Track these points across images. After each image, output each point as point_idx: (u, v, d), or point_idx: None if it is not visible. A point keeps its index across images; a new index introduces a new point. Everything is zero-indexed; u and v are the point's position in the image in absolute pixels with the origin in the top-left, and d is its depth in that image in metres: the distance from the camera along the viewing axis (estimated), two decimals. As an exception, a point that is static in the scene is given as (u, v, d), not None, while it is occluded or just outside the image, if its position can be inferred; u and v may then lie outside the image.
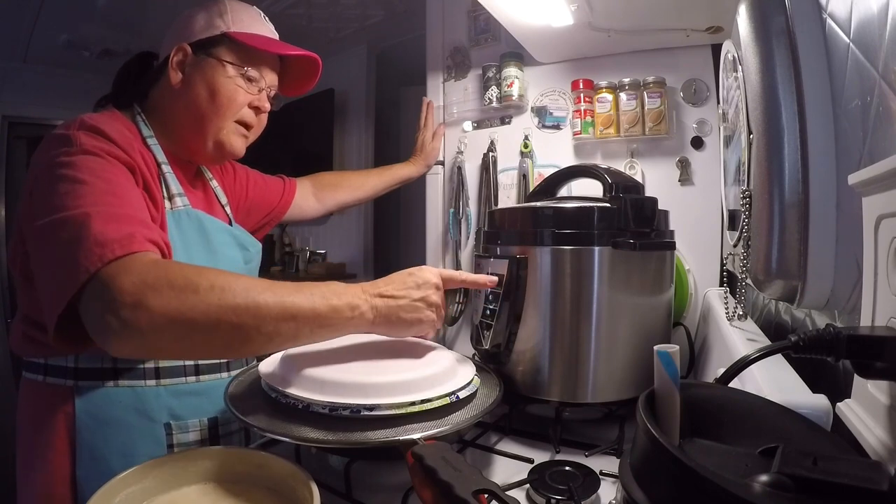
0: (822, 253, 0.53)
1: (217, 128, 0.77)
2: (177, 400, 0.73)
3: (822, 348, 0.36)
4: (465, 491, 0.41)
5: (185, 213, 0.73)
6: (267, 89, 0.81)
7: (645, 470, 0.33)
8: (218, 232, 0.78)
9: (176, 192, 0.73)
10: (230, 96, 0.76)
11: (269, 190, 1.07)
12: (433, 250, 1.48)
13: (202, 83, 0.75)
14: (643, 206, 0.74)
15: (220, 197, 0.90)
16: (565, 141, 1.26)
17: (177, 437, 0.72)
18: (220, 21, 0.76)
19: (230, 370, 0.79)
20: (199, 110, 0.75)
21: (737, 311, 0.74)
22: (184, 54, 0.75)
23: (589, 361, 0.73)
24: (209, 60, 0.75)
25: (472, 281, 0.69)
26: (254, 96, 0.79)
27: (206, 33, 0.76)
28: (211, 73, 0.75)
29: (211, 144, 0.78)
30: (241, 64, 0.76)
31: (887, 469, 0.27)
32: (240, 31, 0.76)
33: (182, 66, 0.75)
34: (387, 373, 0.60)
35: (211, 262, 0.74)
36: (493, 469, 0.69)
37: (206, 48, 0.76)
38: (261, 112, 0.81)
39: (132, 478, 0.49)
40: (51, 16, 2.00)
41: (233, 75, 0.76)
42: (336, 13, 2.09)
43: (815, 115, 0.54)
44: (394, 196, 1.39)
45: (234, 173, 1.00)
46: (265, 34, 0.79)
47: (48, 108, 2.41)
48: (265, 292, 0.52)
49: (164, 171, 0.73)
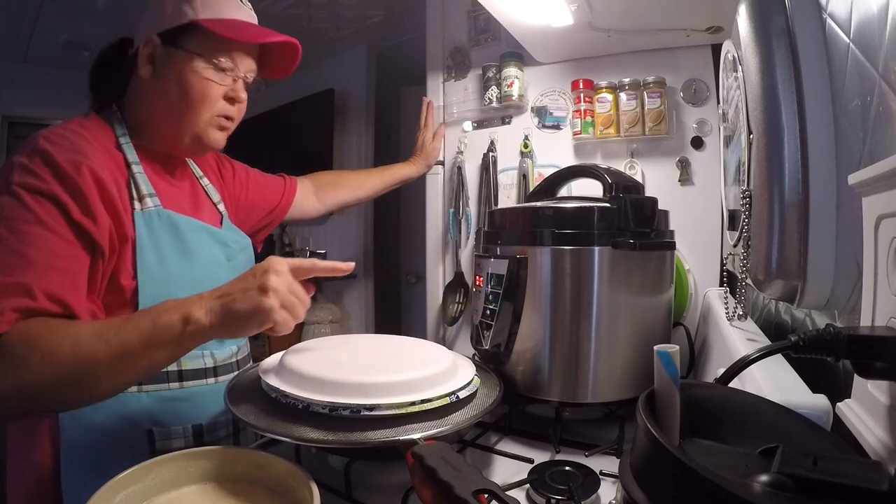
0: (822, 253, 0.53)
1: (193, 123, 0.74)
2: (160, 406, 0.71)
3: (822, 348, 0.36)
4: (465, 491, 0.41)
5: (156, 213, 0.71)
6: (244, 76, 0.77)
7: (645, 470, 0.33)
8: (192, 230, 0.76)
9: (146, 193, 0.71)
10: (202, 91, 0.73)
11: (269, 189, 1.06)
12: (433, 250, 1.48)
13: (173, 78, 0.72)
14: (643, 206, 0.74)
15: (211, 195, 0.88)
16: (565, 141, 1.26)
17: (160, 444, 0.70)
18: (188, 8, 0.71)
19: (217, 376, 0.77)
20: (173, 106, 0.73)
21: (737, 311, 0.74)
22: (153, 46, 0.71)
23: (589, 361, 0.73)
24: (178, 53, 0.71)
25: (324, 267, 0.62)
26: (227, 87, 0.75)
27: (174, 21, 0.71)
28: (180, 68, 0.71)
29: (188, 139, 0.75)
30: (213, 54, 0.72)
31: (887, 469, 0.27)
32: (211, 17, 0.71)
33: (152, 60, 0.72)
34: (387, 373, 0.59)
35: (185, 261, 0.72)
36: (493, 469, 0.69)
37: (174, 39, 0.71)
38: (237, 102, 0.77)
39: (132, 478, 0.49)
40: (51, 16, 2.00)
41: (203, 67, 0.72)
42: (336, 13, 2.09)
43: (815, 115, 0.54)
44: (394, 196, 1.39)
45: (234, 172, 0.99)
46: (240, 17, 0.75)
47: (48, 108, 2.40)
48: (92, 340, 0.53)
49: (135, 172, 0.71)
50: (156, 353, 0.55)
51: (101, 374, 0.54)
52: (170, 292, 0.61)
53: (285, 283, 0.56)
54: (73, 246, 0.60)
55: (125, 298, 0.66)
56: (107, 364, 0.53)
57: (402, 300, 2.79)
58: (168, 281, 0.69)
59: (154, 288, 0.67)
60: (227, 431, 0.78)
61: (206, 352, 0.76)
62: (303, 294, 0.59)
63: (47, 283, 0.56)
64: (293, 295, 0.57)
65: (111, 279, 0.66)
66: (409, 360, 0.65)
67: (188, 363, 0.74)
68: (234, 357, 0.81)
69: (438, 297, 1.46)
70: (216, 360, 0.78)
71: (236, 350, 0.82)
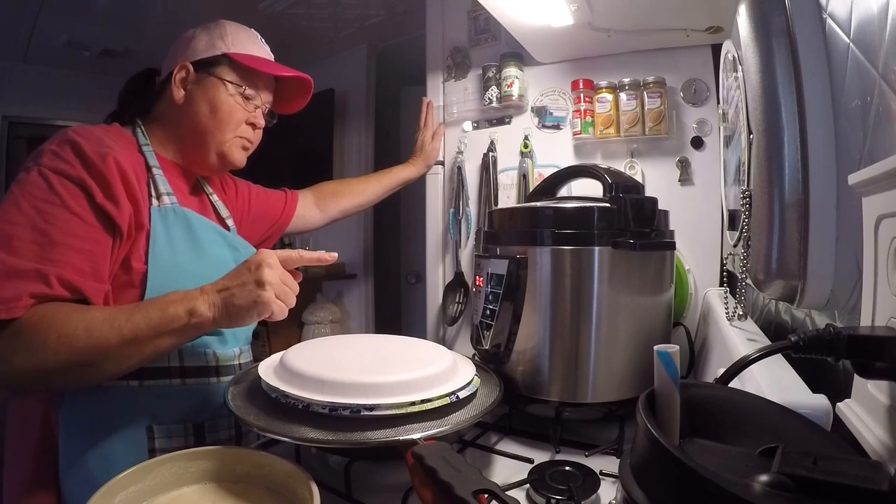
0: (822, 253, 0.53)
1: (219, 140, 0.82)
2: (159, 402, 0.72)
3: (822, 348, 0.36)
4: (465, 491, 0.41)
5: (172, 209, 0.75)
6: (262, 107, 0.86)
7: (645, 470, 0.33)
8: (206, 230, 0.79)
9: (164, 192, 0.75)
10: (230, 112, 0.81)
11: (270, 202, 1.10)
12: (433, 250, 1.48)
13: (204, 100, 0.80)
14: (643, 206, 0.74)
15: (220, 210, 0.92)
16: (565, 141, 1.26)
17: (159, 442, 0.71)
18: (220, 42, 0.81)
19: (219, 376, 0.78)
20: (202, 125, 0.80)
21: (737, 311, 0.74)
22: (186, 72, 0.80)
23: (589, 361, 0.73)
24: (210, 79, 0.80)
25: (310, 257, 0.66)
26: (250, 113, 0.84)
27: (207, 53, 0.81)
28: (212, 91, 0.80)
29: (214, 156, 0.83)
30: (240, 83, 0.82)
31: (887, 469, 0.27)
32: (239, 52, 0.81)
33: (185, 84, 0.80)
34: (387, 373, 0.60)
35: (195, 256, 0.75)
36: (493, 469, 0.69)
37: (207, 67, 0.80)
38: (256, 128, 0.87)
39: (132, 478, 0.49)
40: (51, 16, 1.99)
41: (232, 93, 0.81)
42: (336, 13, 2.09)
43: (815, 115, 0.54)
44: (394, 196, 1.39)
45: (236, 188, 1.02)
46: (262, 55, 0.85)
47: (48, 108, 2.40)
48: (104, 326, 0.58)
49: (155, 174, 0.76)
50: (161, 340, 0.60)
51: (110, 357, 0.59)
52: (177, 283, 0.65)
53: (278, 275, 0.62)
54: (95, 229, 0.65)
55: (133, 280, 0.69)
56: (116, 348, 0.58)
57: (402, 300, 2.79)
58: (176, 272, 0.71)
59: (162, 277, 0.70)
60: (229, 433, 0.78)
61: (208, 350, 0.77)
62: (293, 283, 0.65)
63: (64, 267, 0.60)
64: (285, 285, 0.62)
65: (123, 260, 0.69)
66: (409, 360, 0.65)
67: (190, 360, 0.74)
68: (237, 359, 0.82)
69: (438, 297, 1.46)
70: (218, 360, 0.78)
71: (238, 353, 0.82)
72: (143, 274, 0.69)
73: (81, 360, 0.58)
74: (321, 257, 0.68)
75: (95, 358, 0.58)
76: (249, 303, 0.59)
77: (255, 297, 0.59)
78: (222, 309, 0.60)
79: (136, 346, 0.59)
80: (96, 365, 0.59)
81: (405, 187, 1.38)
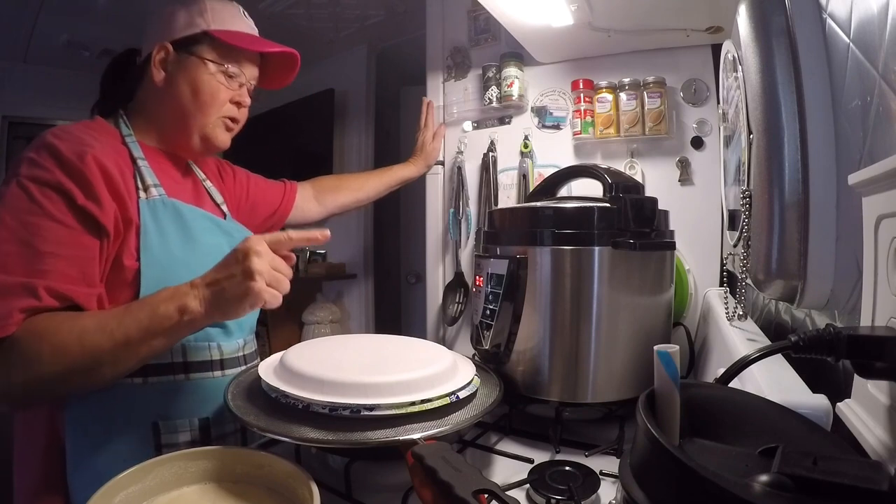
0: (822, 253, 0.53)
1: (202, 123, 0.79)
2: (165, 398, 0.71)
3: (822, 348, 0.36)
4: (465, 491, 0.41)
5: (161, 201, 0.73)
6: (248, 84, 0.83)
7: (645, 470, 0.33)
8: (197, 219, 0.78)
9: (151, 184, 0.74)
10: (213, 93, 0.78)
11: (270, 192, 1.09)
12: (433, 250, 1.48)
13: (185, 81, 0.77)
14: (643, 206, 0.74)
15: (213, 196, 0.90)
16: (565, 141, 1.26)
17: (165, 438, 0.70)
18: (200, 19, 0.77)
19: (224, 369, 0.77)
20: (184, 107, 0.78)
21: (737, 311, 0.74)
22: (165, 52, 0.77)
23: (589, 361, 0.73)
24: (191, 59, 0.77)
25: (301, 238, 0.64)
26: (235, 92, 0.81)
27: (186, 31, 0.77)
28: (193, 71, 0.77)
29: (197, 139, 0.80)
30: (222, 61, 0.79)
31: (887, 469, 0.27)
32: (220, 28, 0.78)
33: (164, 65, 0.77)
34: (387, 373, 0.60)
35: (188, 247, 0.74)
36: (493, 469, 0.69)
37: (187, 46, 0.77)
38: (242, 106, 0.84)
39: (132, 478, 0.49)
40: (51, 16, 1.99)
41: (214, 72, 0.78)
42: (336, 13, 2.09)
43: (815, 115, 0.54)
44: (394, 196, 1.39)
45: (234, 176, 1.01)
46: (245, 30, 0.81)
47: (48, 108, 2.40)
48: (96, 332, 0.58)
49: (140, 165, 0.74)
50: (154, 341, 0.59)
51: (105, 363, 0.59)
52: (172, 277, 0.64)
53: (267, 262, 0.59)
54: (80, 233, 0.64)
55: (126, 279, 0.68)
56: (110, 353, 0.58)
57: (402, 300, 2.79)
58: (170, 266, 0.70)
59: (156, 272, 0.69)
60: (234, 427, 0.78)
61: (212, 343, 0.76)
62: (285, 267, 0.62)
63: (52, 277, 0.60)
64: (276, 271, 0.60)
65: (115, 259, 0.68)
66: (409, 360, 0.65)
67: (194, 355, 0.74)
68: (241, 351, 0.81)
69: (438, 297, 1.46)
70: (223, 353, 0.77)
71: (242, 344, 0.82)
72: (136, 271, 0.68)
73: (77, 368, 0.58)
74: (311, 236, 0.65)
75: (91, 365, 0.58)
76: (240, 295, 0.58)
77: (245, 289, 0.57)
78: (213, 303, 0.59)
79: (129, 350, 0.59)
80: (93, 371, 0.59)
81: (405, 187, 1.38)
